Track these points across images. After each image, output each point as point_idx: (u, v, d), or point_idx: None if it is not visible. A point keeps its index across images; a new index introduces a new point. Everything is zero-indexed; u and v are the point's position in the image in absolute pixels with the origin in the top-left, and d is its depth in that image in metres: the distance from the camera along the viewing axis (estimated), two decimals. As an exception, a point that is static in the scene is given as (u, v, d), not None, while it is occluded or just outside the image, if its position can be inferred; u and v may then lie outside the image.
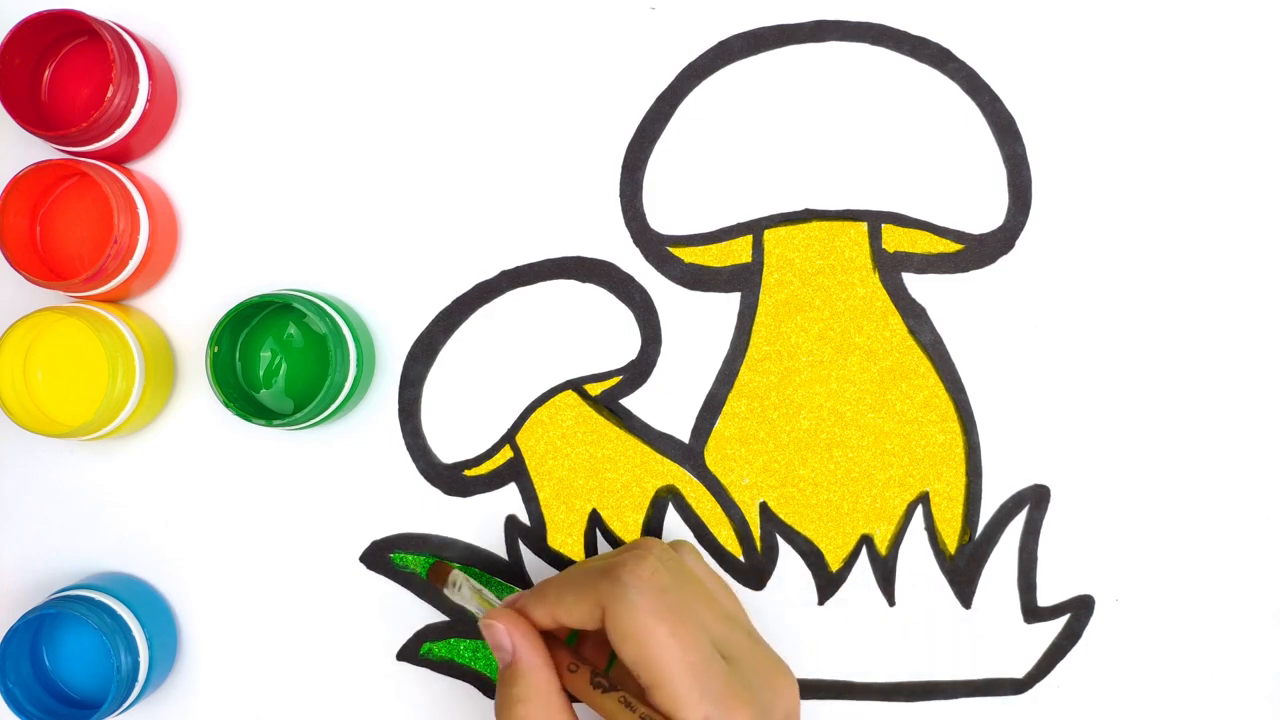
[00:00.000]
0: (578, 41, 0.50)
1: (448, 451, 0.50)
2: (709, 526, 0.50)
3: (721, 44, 0.50)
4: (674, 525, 0.50)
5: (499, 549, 0.50)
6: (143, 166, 0.51)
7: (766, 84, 0.50)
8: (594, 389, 0.50)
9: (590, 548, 0.50)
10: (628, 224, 0.50)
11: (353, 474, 0.50)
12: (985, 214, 0.50)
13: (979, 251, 0.50)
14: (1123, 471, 0.50)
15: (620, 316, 0.50)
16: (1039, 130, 0.50)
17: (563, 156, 0.50)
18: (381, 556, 0.50)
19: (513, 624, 0.43)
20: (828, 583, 0.50)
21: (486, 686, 0.50)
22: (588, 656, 0.45)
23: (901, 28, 0.50)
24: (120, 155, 0.49)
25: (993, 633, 0.50)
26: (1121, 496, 0.50)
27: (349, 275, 0.50)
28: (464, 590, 0.46)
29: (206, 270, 0.51)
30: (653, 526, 0.50)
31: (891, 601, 0.50)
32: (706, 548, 0.50)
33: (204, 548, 0.51)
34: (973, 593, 0.50)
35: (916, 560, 0.50)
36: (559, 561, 0.50)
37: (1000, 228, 0.50)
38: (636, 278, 0.50)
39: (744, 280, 0.50)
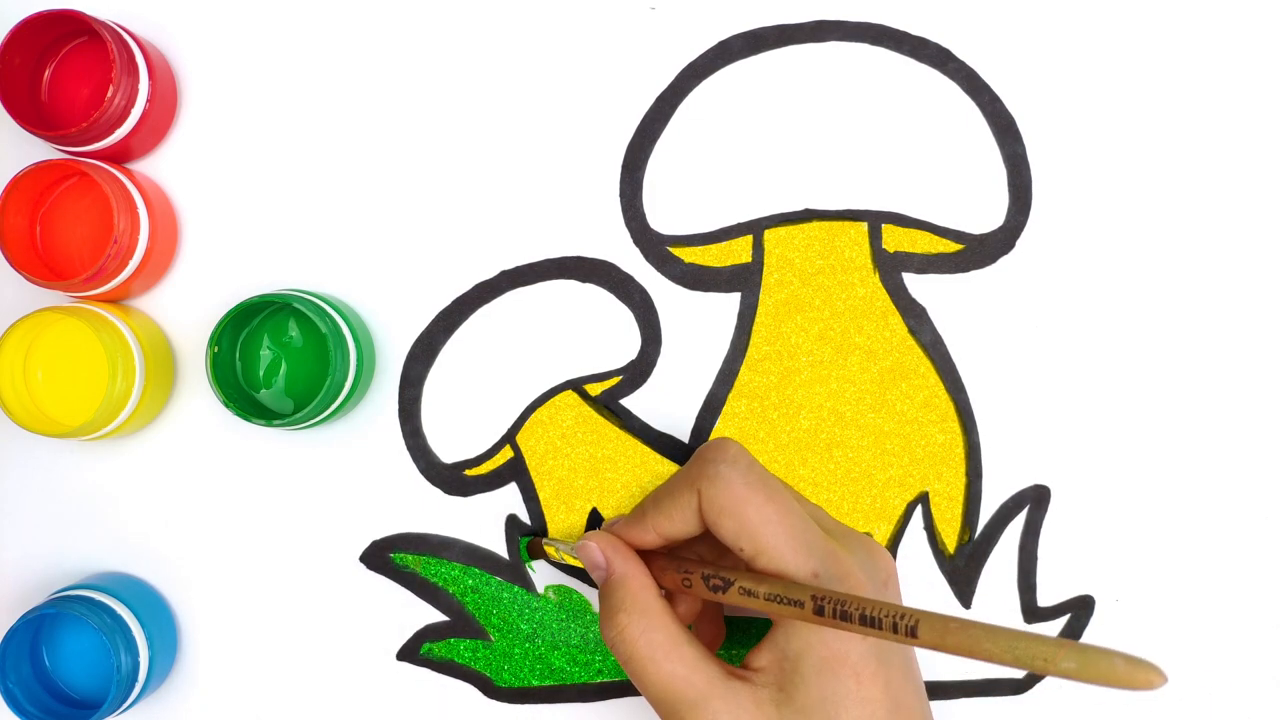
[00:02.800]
0: (578, 41, 0.50)
1: (448, 451, 0.50)
2: (709, 526, 0.50)
3: (721, 44, 0.50)
4: (674, 525, 0.50)
5: (499, 549, 0.50)
6: (143, 166, 0.51)
7: (766, 84, 0.50)
8: (594, 389, 0.50)
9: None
10: (628, 224, 0.50)
11: (353, 474, 0.50)
12: (985, 214, 0.50)
13: (979, 251, 0.50)
14: (1123, 471, 0.50)
15: (620, 316, 0.50)
16: (1039, 130, 0.50)
17: (563, 156, 0.50)
18: (381, 556, 0.50)
19: (604, 541, 0.44)
20: (828, 583, 0.50)
21: (487, 686, 0.50)
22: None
23: (901, 28, 0.50)
24: (120, 155, 0.49)
25: (993, 633, 0.50)
26: (1121, 496, 0.50)
27: (349, 275, 0.50)
28: (558, 551, 0.48)
29: (206, 270, 0.51)
30: (653, 526, 0.50)
31: (891, 601, 0.50)
32: (706, 548, 0.50)
33: (204, 548, 0.51)
34: (973, 593, 0.50)
35: (916, 560, 0.50)
36: (559, 562, 0.50)
37: (1000, 228, 0.50)
38: (636, 278, 0.50)
39: (744, 280, 0.50)
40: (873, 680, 0.40)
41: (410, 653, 0.50)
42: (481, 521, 0.50)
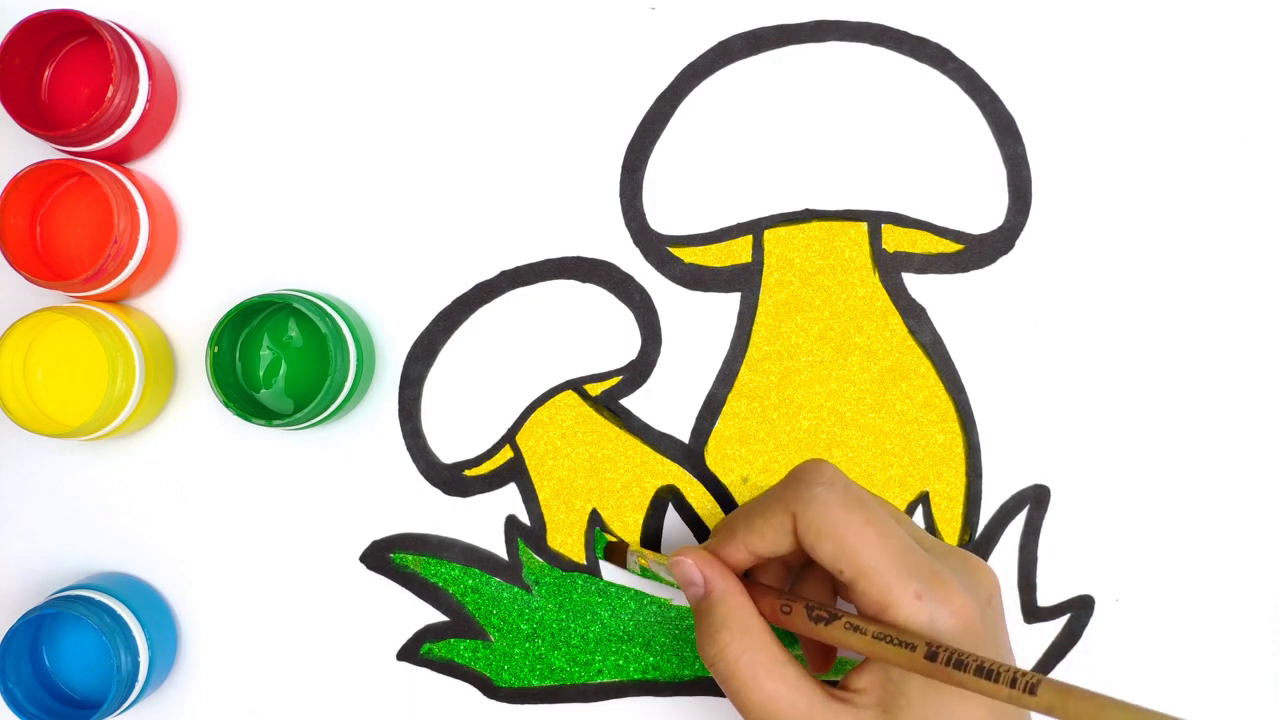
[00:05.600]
0: (578, 41, 0.50)
1: (448, 451, 0.50)
2: (709, 526, 0.50)
3: (721, 44, 0.50)
4: (674, 525, 0.50)
5: (499, 549, 0.50)
6: (143, 166, 0.51)
7: (766, 84, 0.50)
8: (594, 389, 0.50)
9: (590, 548, 0.50)
10: (628, 224, 0.50)
11: (353, 474, 0.50)
12: (985, 214, 0.50)
13: (979, 251, 0.50)
14: (1123, 471, 0.50)
15: (620, 316, 0.50)
16: (1039, 130, 0.50)
17: (563, 156, 0.50)
18: (381, 556, 0.50)
19: (700, 557, 0.43)
20: (828, 583, 0.50)
21: (487, 686, 0.50)
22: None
23: (901, 28, 0.50)
24: (120, 155, 0.49)
25: (993, 633, 0.50)
26: (1121, 496, 0.50)
27: (349, 275, 0.50)
28: (647, 562, 0.47)
29: (206, 270, 0.51)
30: (652, 526, 0.50)
31: (891, 601, 0.50)
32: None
33: (204, 548, 0.51)
34: (973, 593, 0.50)
35: (916, 560, 0.50)
36: (559, 561, 0.50)
37: (1000, 228, 0.50)
38: (636, 278, 0.50)
39: (744, 280, 0.50)
40: (979, 701, 0.39)
41: (410, 653, 0.50)
42: (481, 522, 0.50)
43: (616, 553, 0.49)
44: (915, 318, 0.50)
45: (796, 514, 0.42)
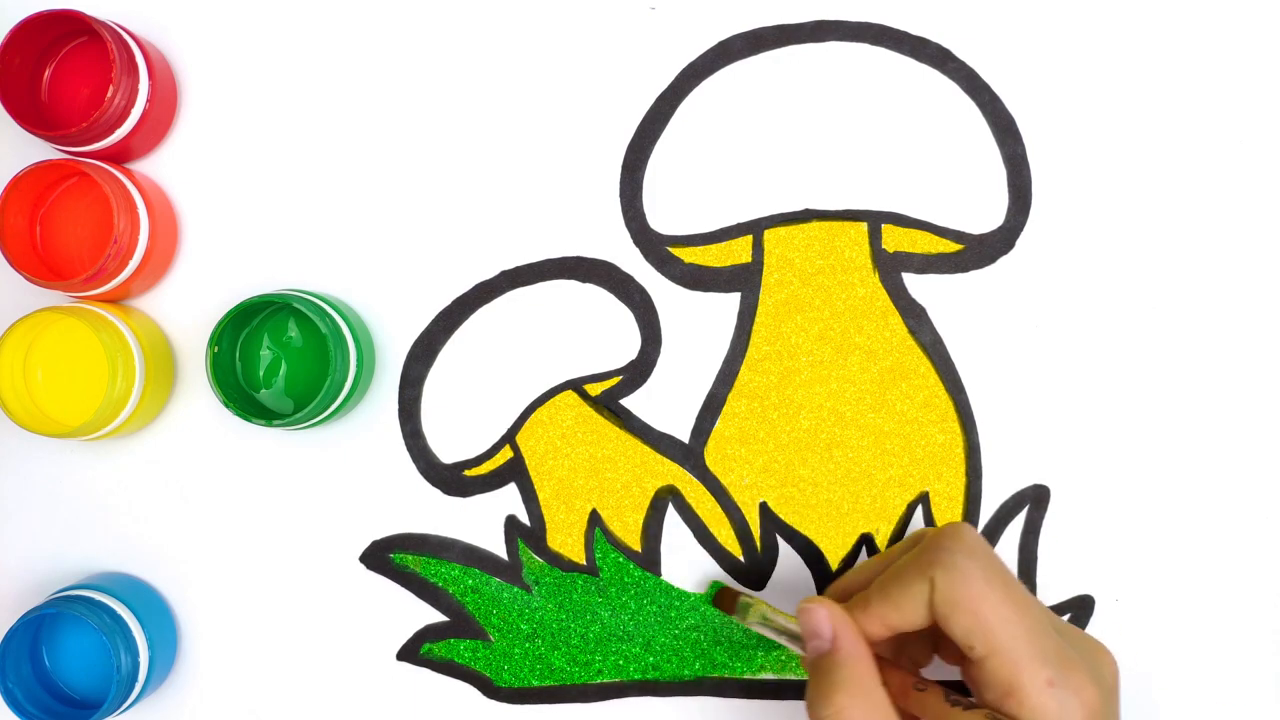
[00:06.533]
0: (578, 41, 0.50)
1: (448, 451, 0.50)
2: (709, 526, 0.50)
3: (721, 44, 0.50)
4: (674, 525, 0.50)
5: (499, 549, 0.50)
6: (143, 166, 0.51)
7: (766, 84, 0.50)
8: (594, 389, 0.50)
9: (590, 548, 0.50)
10: (628, 224, 0.50)
11: (353, 474, 0.50)
12: (985, 214, 0.50)
13: (979, 251, 0.50)
14: (1123, 471, 0.50)
15: (620, 316, 0.50)
16: (1039, 130, 0.50)
17: (563, 156, 0.50)
18: (381, 556, 0.50)
19: (835, 611, 0.41)
20: (828, 582, 0.50)
21: (487, 686, 0.50)
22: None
23: (901, 28, 0.50)
24: (120, 155, 0.49)
25: (993, 633, 0.50)
26: (1121, 496, 0.50)
27: (349, 275, 0.50)
28: (759, 614, 0.45)
29: (206, 270, 0.51)
30: (652, 526, 0.50)
31: (891, 601, 0.50)
32: (706, 548, 0.50)
33: (204, 548, 0.51)
34: (973, 593, 0.50)
35: (916, 560, 0.50)
36: (559, 562, 0.50)
37: (1000, 228, 0.50)
38: (636, 278, 0.50)
39: (744, 280, 0.50)
40: None
41: (410, 653, 0.50)
42: (481, 522, 0.50)
43: (726, 599, 0.47)
44: (915, 318, 0.50)
45: (934, 580, 0.40)
